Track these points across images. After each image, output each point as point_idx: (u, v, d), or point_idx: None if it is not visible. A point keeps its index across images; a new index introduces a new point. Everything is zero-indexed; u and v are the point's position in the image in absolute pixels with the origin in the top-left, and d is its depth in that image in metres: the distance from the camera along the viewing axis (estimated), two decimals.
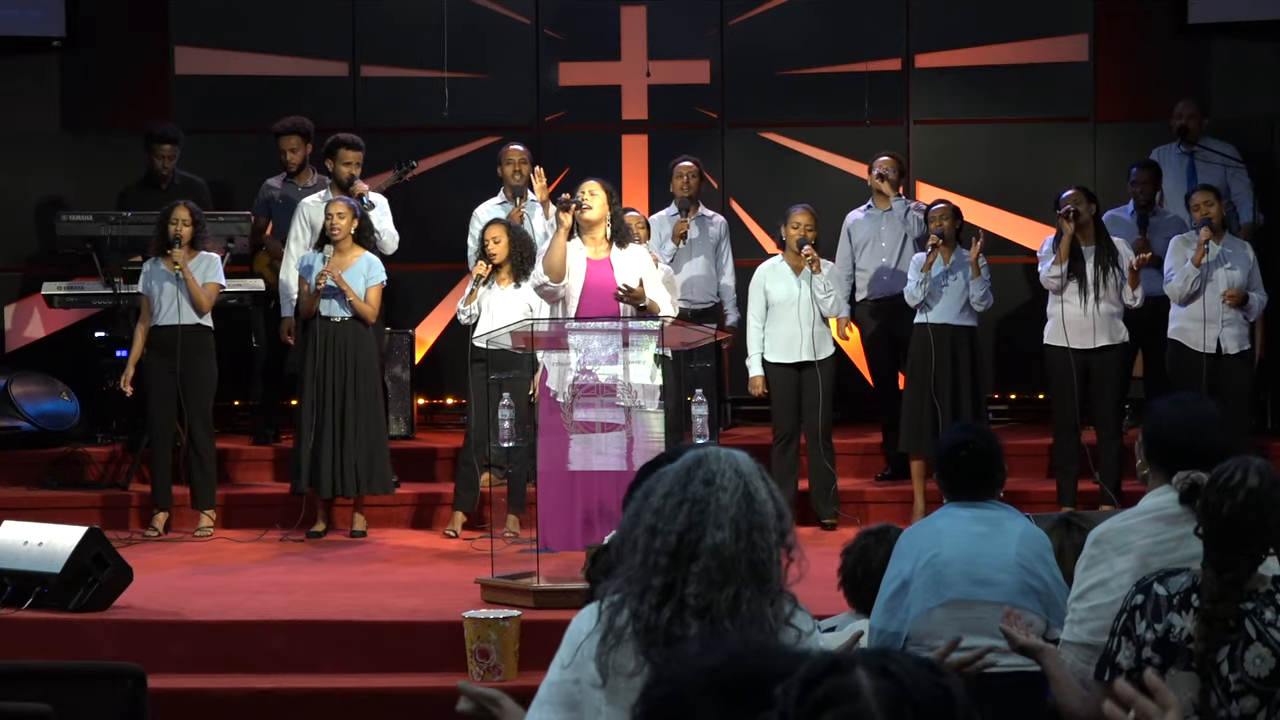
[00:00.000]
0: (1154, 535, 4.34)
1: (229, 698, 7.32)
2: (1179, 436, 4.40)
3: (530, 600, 7.71)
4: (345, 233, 9.58)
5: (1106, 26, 11.70)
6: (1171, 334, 9.66)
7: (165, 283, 9.59)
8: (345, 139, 10.19)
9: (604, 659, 3.15)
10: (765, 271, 9.81)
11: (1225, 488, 3.76)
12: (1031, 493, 9.78)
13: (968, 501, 5.19)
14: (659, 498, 3.16)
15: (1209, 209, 9.51)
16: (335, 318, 9.58)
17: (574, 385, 7.99)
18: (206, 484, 9.74)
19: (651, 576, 3.12)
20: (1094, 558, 4.41)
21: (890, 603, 5.10)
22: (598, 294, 8.30)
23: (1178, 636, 3.73)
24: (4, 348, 11.48)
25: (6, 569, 7.89)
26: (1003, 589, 5.03)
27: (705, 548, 3.10)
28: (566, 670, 3.21)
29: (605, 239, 8.39)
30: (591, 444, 7.99)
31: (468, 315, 9.43)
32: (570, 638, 3.23)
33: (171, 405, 9.61)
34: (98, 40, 11.84)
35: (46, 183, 11.63)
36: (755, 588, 3.11)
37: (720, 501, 3.12)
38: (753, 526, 3.13)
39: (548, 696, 3.22)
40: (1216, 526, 3.75)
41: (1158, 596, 3.78)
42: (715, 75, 11.79)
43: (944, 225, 9.69)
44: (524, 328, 8.21)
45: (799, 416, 9.73)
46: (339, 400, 9.54)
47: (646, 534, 3.14)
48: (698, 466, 3.17)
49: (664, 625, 3.10)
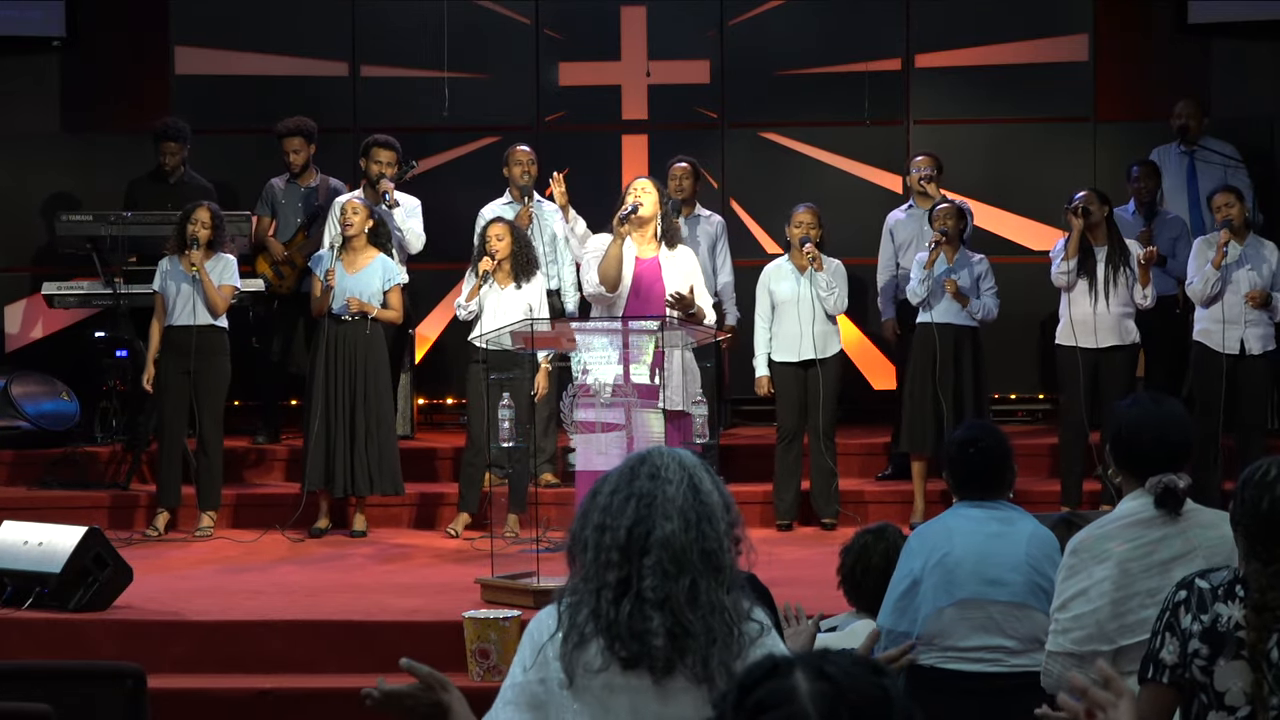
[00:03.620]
0: (1131, 540, 4.35)
1: (229, 698, 7.31)
2: (1145, 439, 4.40)
3: (530, 600, 7.71)
4: (359, 230, 9.60)
5: (1106, 26, 11.71)
6: (1196, 335, 9.64)
7: (181, 283, 9.58)
8: (379, 139, 10.33)
9: (569, 658, 3.17)
10: (770, 271, 9.83)
11: (1262, 483, 3.78)
12: (1034, 492, 9.78)
13: (977, 500, 5.18)
14: (605, 495, 3.21)
15: (1230, 210, 9.48)
16: (345, 317, 9.58)
17: (605, 384, 7.96)
18: (212, 485, 9.73)
19: (605, 573, 3.16)
20: (1073, 567, 4.42)
21: (900, 602, 5.10)
22: (645, 294, 8.30)
23: (1225, 625, 3.75)
24: (4, 348, 11.48)
25: (6, 569, 7.89)
26: (1013, 589, 5.03)
27: (656, 540, 3.15)
28: (530, 671, 3.22)
29: (655, 237, 8.41)
30: (592, 444, 7.99)
31: (467, 312, 9.43)
32: (531, 639, 3.25)
33: (184, 405, 9.61)
34: (98, 40, 11.85)
35: (46, 183, 11.63)
36: (710, 577, 3.15)
37: (666, 494, 3.17)
38: (701, 517, 3.17)
39: (512, 698, 3.22)
40: (1257, 521, 3.76)
41: (1201, 590, 3.80)
42: (715, 75, 11.79)
43: (948, 224, 9.69)
44: (524, 328, 8.21)
45: (803, 415, 9.73)
46: (350, 400, 9.54)
47: (596, 531, 3.19)
48: (641, 463, 3.23)
49: (625, 619, 3.13)
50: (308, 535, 9.67)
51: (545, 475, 9.87)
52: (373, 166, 10.23)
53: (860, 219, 10.95)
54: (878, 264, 10.47)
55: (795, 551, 9.11)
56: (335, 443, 9.50)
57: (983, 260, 9.84)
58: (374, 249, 9.68)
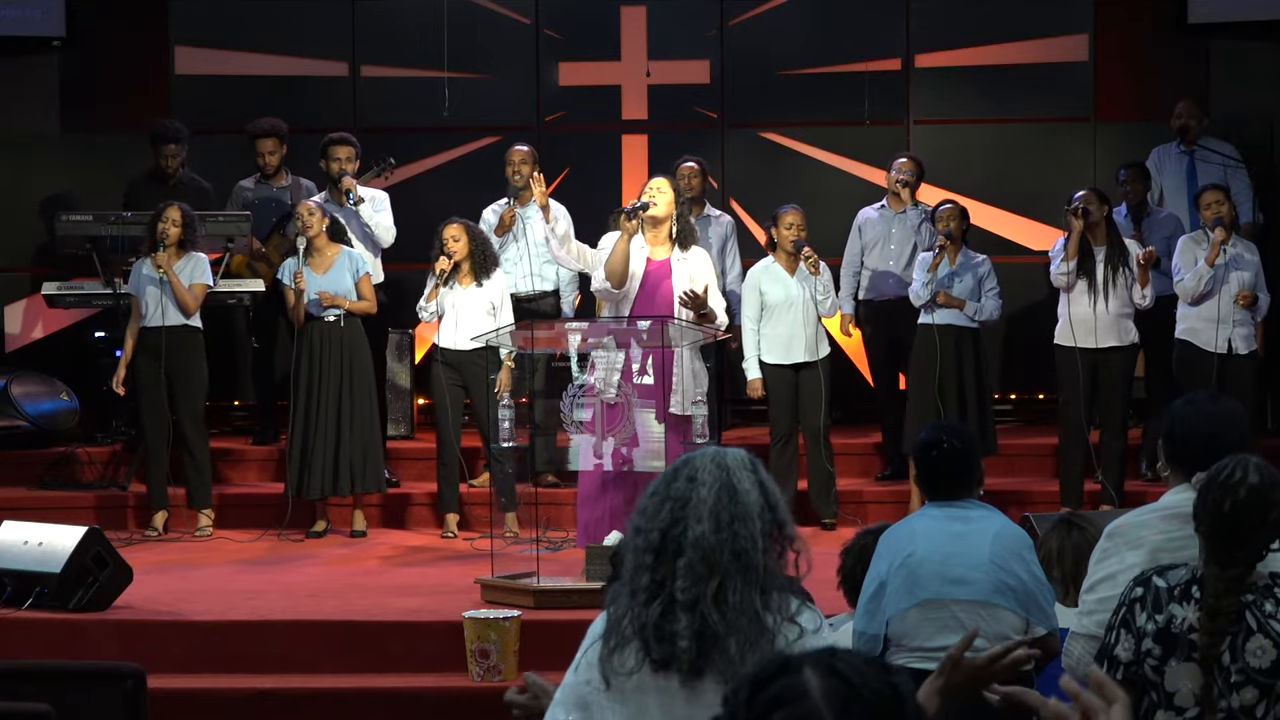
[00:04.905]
0: (1167, 532, 4.35)
1: (229, 698, 7.31)
2: (1198, 437, 4.40)
3: (530, 600, 7.71)
4: (317, 231, 9.64)
5: (1106, 26, 11.71)
6: (1180, 334, 9.64)
7: (152, 284, 9.60)
8: (335, 137, 10.35)
9: (606, 662, 3.20)
10: (758, 273, 9.79)
11: (1226, 485, 3.78)
12: (1034, 492, 9.79)
13: (944, 501, 5.20)
14: (646, 499, 3.24)
15: (1220, 208, 9.49)
16: (329, 317, 9.59)
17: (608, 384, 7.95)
18: (202, 484, 9.74)
19: (641, 575, 3.19)
20: (1106, 550, 4.43)
21: (869, 604, 5.12)
22: (652, 297, 8.27)
23: (1179, 627, 3.75)
24: (4, 348, 11.48)
25: (6, 569, 7.89)
26: (976, 587, 5.03)
27: (689, 541, 3.16)
28: (578, 673, 3.27)
29: (669, 238, 8.37)
30: (591, 444, 7.98)
31: (429, 314, 9.50)
32: (584, 642, 3.31)
33: (163, 406, 9.61)
34: (97, 40, 11.84)
35: (46, 183, 11.64)
36: (740, 577, 3.15)
37: (700, 495, 3.18)
38: (734, 518, 3.17)
39: (563, 698, 3.29)
40: (1218, 523, 3.77)
41: (1157, 589, 3.80)
42: (715, 75, 11.79)
43: (950, 226, 9.68)
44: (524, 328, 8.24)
45: (796, 417, 9.73)
46: (334, 400, 9.55)
47: (634, 535, 3.22)
48: (683, 466, 3.25)
49: (655, 621, 3.15)
50: (306, 536, 9.67)
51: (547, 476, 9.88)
52: (333, 165, 10.25)
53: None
54: (842, 259, 10.42)
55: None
56: (318, 443, 9.50)
57: (985, 261, 9.83)
58: (336, 244, 9.70)
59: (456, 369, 9.57)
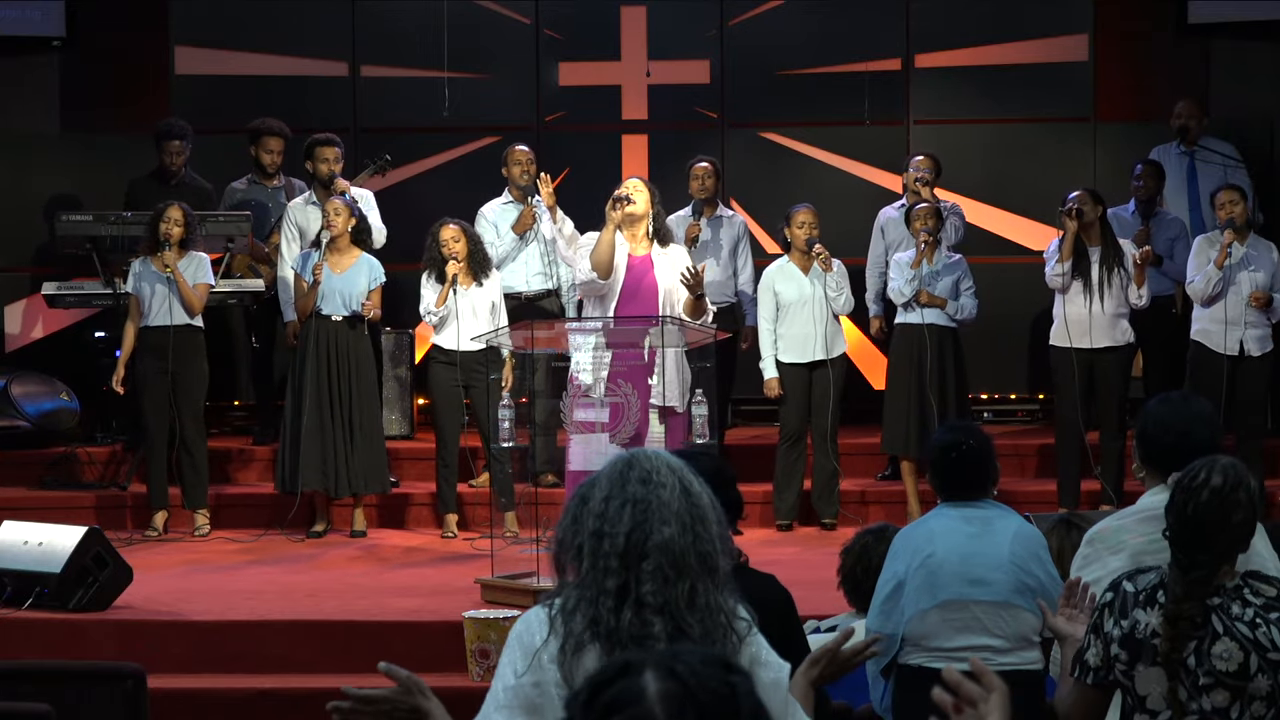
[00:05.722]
0: (1147, 534, 4.35)
1: (229, 698, 7.31)
2: (1169, 436, 4.41)
3: (530, 600, 7.69)
4: (342, 230, 9.60)
5: (1106, 26, 11.71)
6: (1194, 335, 9.62)
7: (156, 284, 9.59)
8: (320, 138, 10.35)
9: (567, 666, 3.16)
10: (773, 273, 9.83)
11: (1190, 487, 3.77)
12: (1030, 493, 9.79)
13: (961, 501, 5.19)
14: (598, 501, 3.18)
15: (1233, 209, 9.45)
16: (334, 316, 9.59)
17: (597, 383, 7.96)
18: (198, 484, 9.74)
19: (604, 579, 3.14)
20: (1088, 556, 4.43)
21: (885, 604, 5.10)
22: (637, 292, 8.30)
23: (1143, 633, 3.74)
24: (4, 348, 11.48)
25: (6, 569, 7.89)
26: (996, 588, 5.02)
27: (654, 545, 3.14)
28: (524, 676, 3.21)
29: (647, 236, 8.40)
30: (591, 444, 7.98)
31: (440, 318, 9.50)
32: (522, 643, 3.23)
33: (165, 406, 9.60)
34: (97, 40, 11.85)
35: (46, 183, 11.63)
36: (708, 579, 3.15)
37: (662, 498, 3.16)
38: (695, 519, 3.17)
39: (505, 701, 3.22)
40: (1181, 525, 3.76)
41: (1125, 593, 3.80)
42: (715, 75, 11.79)
43: (929, 224, 9.68)
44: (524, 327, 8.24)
45: (808, 416, 9.74)
46: (339, 400, 9.55)
47: (593, 538, 3.16)
48: (630, 468, 3.21)
49: (626, 626, 3.12)
50: (306, 536, 9.67)
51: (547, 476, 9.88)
52: (320, 166, 10.25)
53: (860, 219, 10.93)
54: (867, 261, 10.46)
55: (795, 552, 9.12)
56: (326, 443, 9.50)
57: (961, 261, 9.84)
58: (357, 249, 9.69)
59: (456, 369, 9.57)
